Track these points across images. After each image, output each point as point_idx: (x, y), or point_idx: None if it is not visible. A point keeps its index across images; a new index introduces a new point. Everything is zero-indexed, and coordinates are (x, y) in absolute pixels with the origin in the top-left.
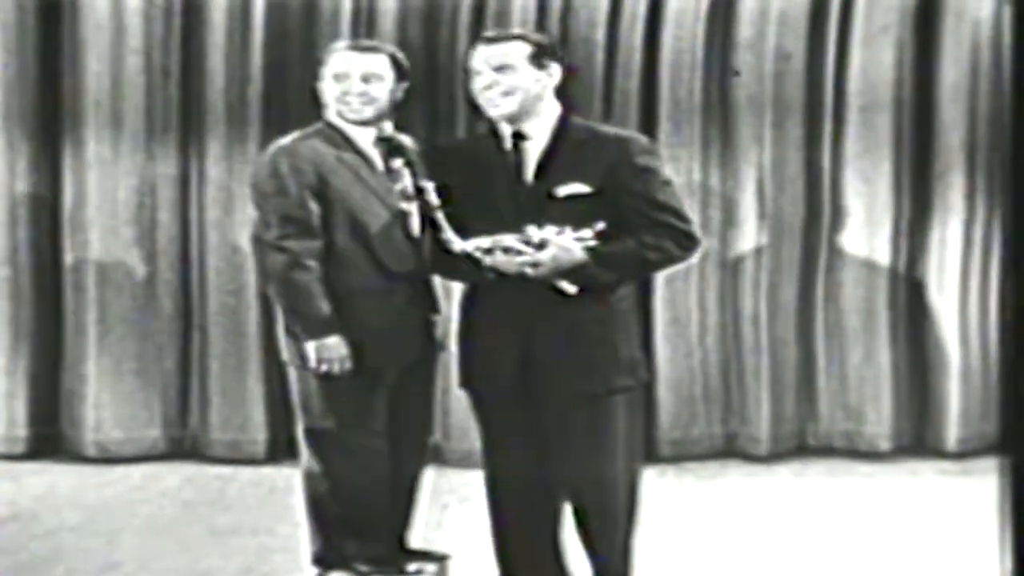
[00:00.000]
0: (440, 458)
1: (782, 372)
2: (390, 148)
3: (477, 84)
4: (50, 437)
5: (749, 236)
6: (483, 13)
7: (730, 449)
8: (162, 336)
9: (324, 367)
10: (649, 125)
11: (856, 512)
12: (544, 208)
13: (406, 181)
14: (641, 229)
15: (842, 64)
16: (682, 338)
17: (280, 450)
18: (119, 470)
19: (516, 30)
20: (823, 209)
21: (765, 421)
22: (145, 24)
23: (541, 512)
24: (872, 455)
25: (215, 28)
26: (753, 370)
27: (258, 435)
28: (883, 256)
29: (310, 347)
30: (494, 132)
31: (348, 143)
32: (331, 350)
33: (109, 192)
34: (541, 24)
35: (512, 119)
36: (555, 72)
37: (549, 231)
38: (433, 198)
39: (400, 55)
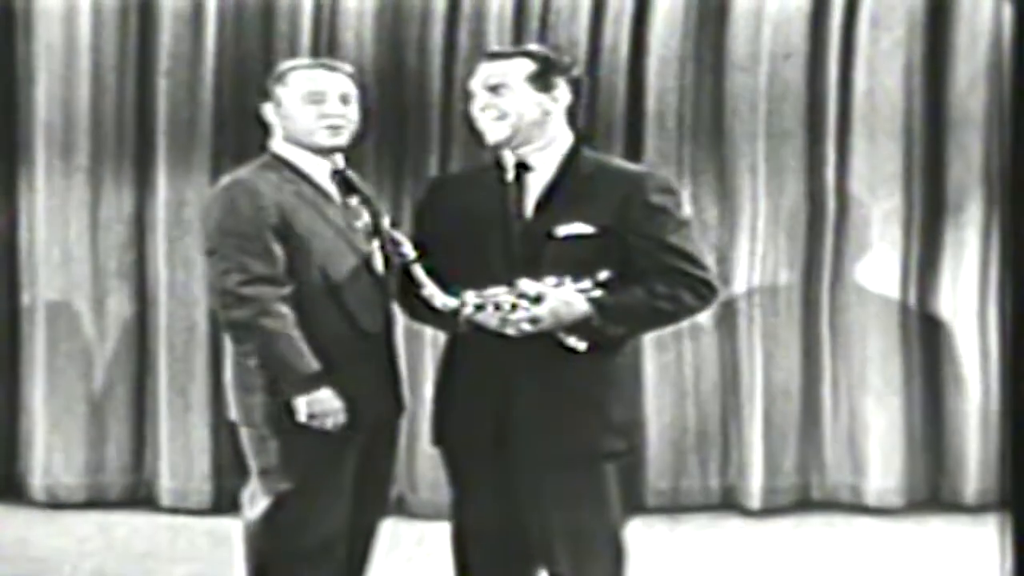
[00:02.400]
0: (405, 510)
1: (783, 420)
2: (345, 183)
3: (472, 106)
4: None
5: (746, 273)
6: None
7: (725, 502)
8: (114, 378)
9: (316, 423)
10: (633, 153)
11: (864, 571)
12: (542, 250)
13: (365, 218)
14: (652, 276)
15: (846, 87)
16: (674, 383)
17: (227, 500)
18: (69, 517)
19: (524, 46)
20: (825, 244)
21: (761, 473)
22: (96, 44)
23: None
24: (882, 511)
25: (166, 50)
26: (752, 421)
27: (205, 484)
28: (893, 295)
29: (300, 403)
30: (498, 162)
31: (303, 177)
32: (324, 404)
33: (59, 228)
34: (518, 44)
35: (512, 147)
36: (562, 95)
37: (547, 282)
38: (408, 251)
39: (356, 76)
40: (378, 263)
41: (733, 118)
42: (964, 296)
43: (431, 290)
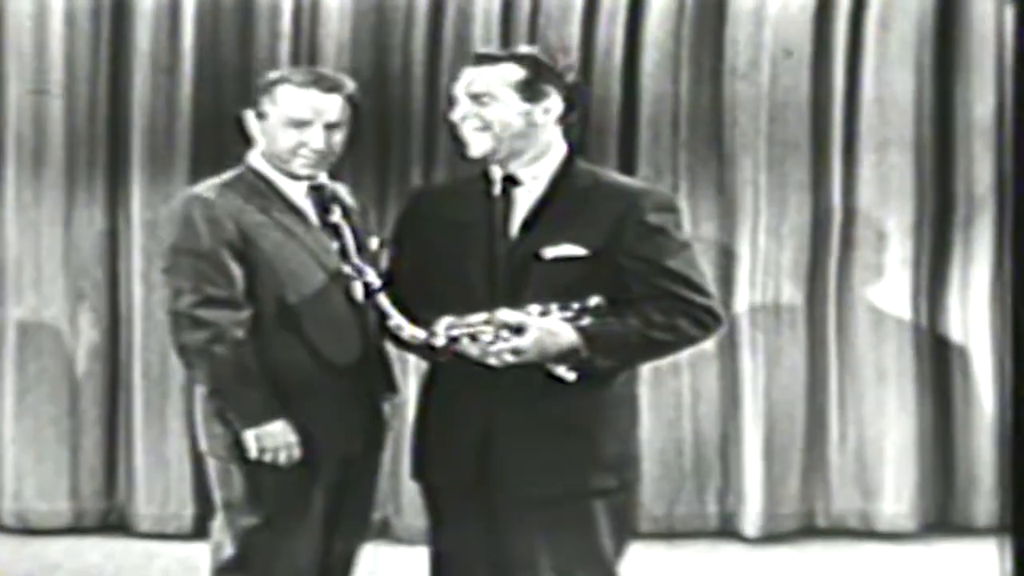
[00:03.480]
0: (390, 535)
1: (787, 444)
2: (324, 199)
3: (454, 113)
4: None
5: (747, 291)
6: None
7: (723, 529)
8: (87, 399)
9: (268, 457)
10: (627, 163)
11: None
12: (528, 272)
13: (347, 238)
14: (648, 303)
15: (852, 93)
16: (671, 404)
17: (208, 526)
18: (38, 543)
19: (514, 48)
20: (830, 261)
21: (763, 499)
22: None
23: None
24: (892, 536)
25: (141, 56)
26: (753, 444)
27: (184, 509)
28: (902, 313)
29: (249, 436)
30: (485, 175)
31: (277, 194)
32: (276, 438)
33: (31, 242)
34: (506, 47)
35: (496, 161)
36: (553, 105)
37: (532, 310)
38: (373, 279)
39: (355, 94)
40: (357, 288)
41: (733, 127)
42: (976, 314)
43: (397, 321)
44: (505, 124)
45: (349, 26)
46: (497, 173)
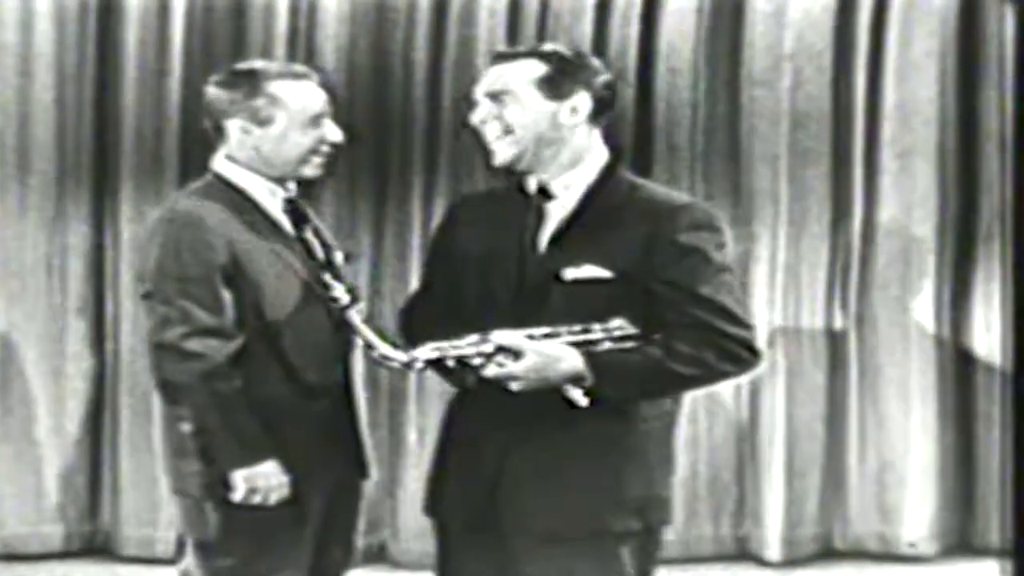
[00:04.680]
0: (387, 559)
1: (806, 467)
2: (298, 211)
3: (474, 118)
4: None
5: (766, 308)
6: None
7: (741, 553)
8: (71, 421)
9: (257, 499)
10: (640, 177)
11: None
12: (548, 293)
13: (319, 254)
14: (676, 332)
15: (873, 102)
16: (687, 425)
17: None
18: (23, 569)
19: (536, 45)
20: (851, 276)
21: (785, 524)
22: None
23: None
24: (912, 559)
25: (129, 59)
26: (772, 466)
27: (171, 532)
28: (924, 331)
29: (238, 476)
30: (520, 185)
31: (254, 205)
32: (268, 478)
33: (14, 253)
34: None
35: (524, 169)
36: (582, 104)
37: (536, 333)
38: (340, 294)
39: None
40: (335, 307)
41: (751, 135)
42: (999, 331)
43: (371, 340)
44: (527, 126)
45: (348, 27)
46: (532, 184)
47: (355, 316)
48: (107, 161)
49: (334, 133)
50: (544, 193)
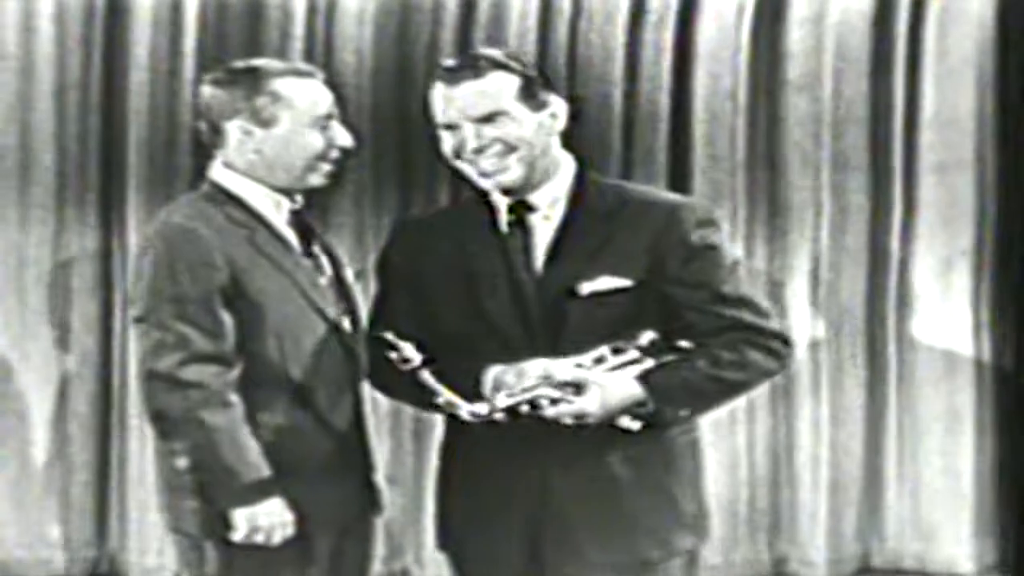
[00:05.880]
0: None
1: (844, 485)
2: (304, 224)
3: (455, 145)
4: None
5: (804, 325)
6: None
7: (779, 573)
8: (75, 441)
9: (260, 538)
10: (679, 188)
11: None
12: (563, 311)
13: (328, 273)
14: (710, 337)
15: (912, 112)
16: (725, 447)
17: None
18: None
19: (487, 52)
20: (890, 290)
21: (822, 543)
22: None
23: None
24: None
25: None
26: (810, 484)
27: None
28: (964, 348)
29: (239, 516)
30: (484, 198)
31: (256, 218)
32: (271, 517)
33: (14, 267)
34: (544, 53)
35: (530, 186)
36: (559, 110)
37: (585, 360)
38: (411, 354)
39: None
40: (347, 330)
41: (791, 144)
42: None
43: (448, 399)
44: (529, 142)
45: (369, 29)
46: (501, 200)
47: (429, 377)
48: (113, 168)
49: (343, 137)
50: (523, 206)
